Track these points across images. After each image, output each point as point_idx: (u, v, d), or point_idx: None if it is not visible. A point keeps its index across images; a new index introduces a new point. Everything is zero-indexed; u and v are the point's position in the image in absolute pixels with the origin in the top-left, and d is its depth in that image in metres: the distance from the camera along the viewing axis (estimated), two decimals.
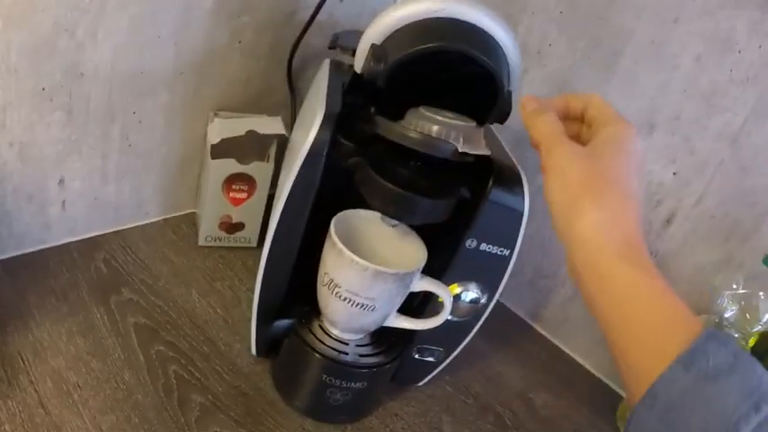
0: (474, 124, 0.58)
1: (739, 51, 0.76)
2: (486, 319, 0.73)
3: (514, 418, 0.81)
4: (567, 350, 0.96)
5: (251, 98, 0.88)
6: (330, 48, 0.77)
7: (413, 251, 0.64)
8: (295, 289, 0.68)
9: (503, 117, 0.60)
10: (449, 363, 0.77)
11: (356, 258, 0.59)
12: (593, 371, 0.93)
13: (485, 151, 0.56)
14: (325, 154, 0.59)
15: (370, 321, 0.65)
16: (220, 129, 0.79)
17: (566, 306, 0.96)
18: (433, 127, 0.55)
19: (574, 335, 0.96)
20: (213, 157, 0.79)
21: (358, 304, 0.62)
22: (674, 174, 0.83)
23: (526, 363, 0.91)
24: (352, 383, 0.67)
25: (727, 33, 0.76)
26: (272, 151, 0.81)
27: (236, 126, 0.79)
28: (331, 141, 0.59)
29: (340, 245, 0.60)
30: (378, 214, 0.62)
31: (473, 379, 0.84)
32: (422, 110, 0.57)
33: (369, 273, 0.60)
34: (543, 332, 0.98)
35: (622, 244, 0.45)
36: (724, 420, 0.36)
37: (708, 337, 0.39)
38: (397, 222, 0.63)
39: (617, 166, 0.48)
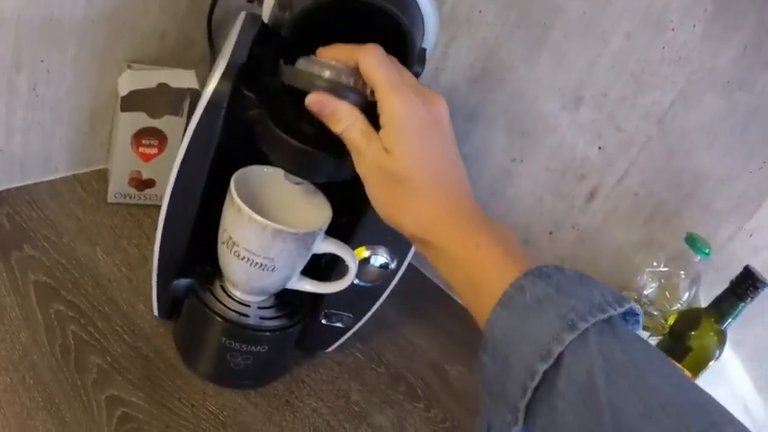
0: None
1: (672, 29, 0.75)
2: (402, 287, 0.72)
3: (427, 388, 0.80)
4: None
5: (168, 51, 0.85)
6: (249, 1, 0.74)
7: (317, 211, 0.62)
8: (197, 247, 0.66)
9: (415, 76, 0.58)
10: (359, 330, 0.76)
11: (255, 216, 0.57)
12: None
13: None
14: (225, 105, 0.56)
15: (271, 282, 0.63)
16: (131, 81, 0.75)
17: None
18: (330, 73, 0.52)
19: None
20: (123, 110, 0.76)
21: (257, 264, 0.60)
22: (600, 148, 0.82)
23: (441, 333, 0.90)
24: (254, 347, 0.65)
25: (661, 11, 0.75)
26: (186, 106, 0.78)
27: (148, 78, 0.76)
28: (232, 92, 0.56)
29: (239, 201, 0.58)
30: (281, 171, 0.60)
31: (385, 348, 0.83)
32: (316, 58, 0.54)
33: (268, 231, 0.58)
34: (461, 302, 0.96)
35: (432, 227, 0.47)
36: (538, 346, 0.37)
37: (527, 274, 0.40)
38: (301, 180, 0.60)
39: (408, 156, 0.47)
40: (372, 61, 0.48)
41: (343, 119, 0.49)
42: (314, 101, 0.50)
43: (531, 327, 0.38)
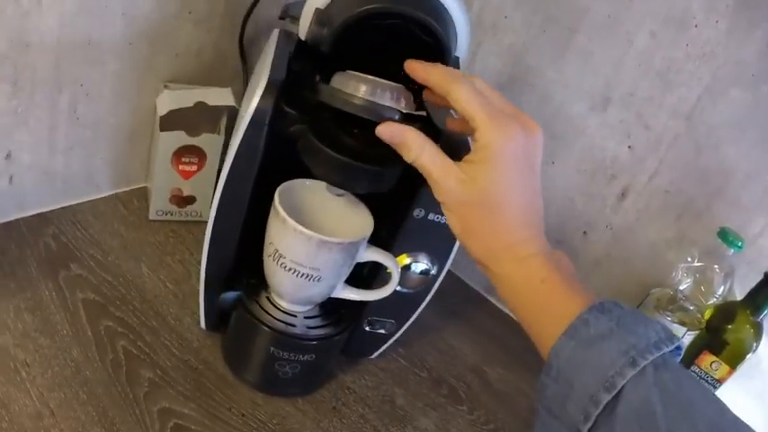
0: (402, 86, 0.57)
1: (696, 26, 0.76)
2: (441, 291, 0.73)
3: (468, 390, 0.81)
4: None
5: (203, 69, 0.87)
6: (281, 18, 0.75)
7: (359, 221, 0.64)
8: (243, 260, 0.67)
9: None
10: (401, 335, 0.77)
11: (300, 227, 0.59)
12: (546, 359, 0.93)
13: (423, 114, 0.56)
14: (267, 122, 0.58)
15: (317, 292, 0.65)
16: (169, 100, 0.77)
17: None
18: (377, 90, 0.54)
19: None
20: (162, 129, 0.78)
21: (303, 275, 0.61)
22: (629, 148, 0.83)
23: (480, 336, 0.91)
24: (301, 356, 0.67)
25: (684, 9, 0.76)
26: (223, 123, 0.80)
27: (185, 97, 0.78)
28: (274, 109, 0.58)
29: (283, 214, 0.59)
30: (323, 184, 0.61)
31: (426, 352, 0.84)
32: (351, 72, 0.55)
33: (313, 242, 0.59)
34: (499, 305, 0.98)
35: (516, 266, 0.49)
36: (601, 377, 0.41)
37: (591, 309, 0.44)
38: (342, 192, 0.62)
39: (493, 188, 0.48)
40: (466, 93, 0.48)
41: (413, 147, 0.50)
42: (383, 131, 0.51)
43: (596, 359, 0.42)
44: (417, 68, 0.52)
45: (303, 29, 0.61)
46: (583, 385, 0.42)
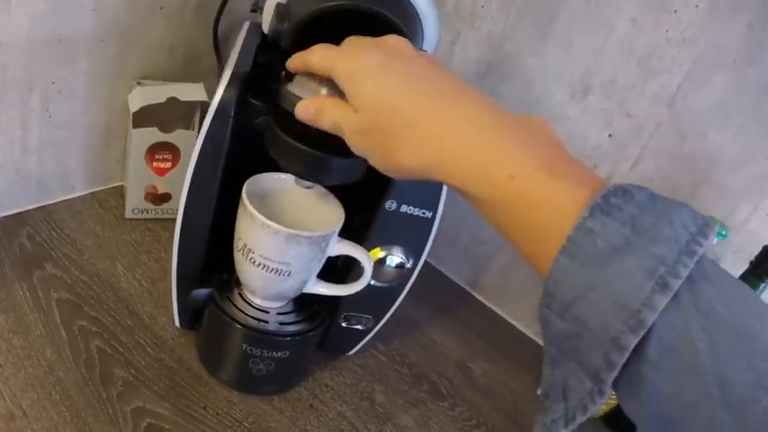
0: None
1: (675, 11, 0.74)
2: (422, 285, 0.72)
3: (451, 386, 0.80)
4: (507, 317, 0.95)
5: (177, 65, 0.86)
6: (252, 11, 0.74)
7: (330, 214, 0.63)
8: (214, 257, 0.66)
9: None
10: (381, 331, 0.76)
11: (267, 222, 0.57)
12: (534, 338, 0.92)
13: None
14: (232, 114, 0.57)
15: (288, 287, 0.63)
16: (141, 96, 0.76)
17: (506, 273, 0.94)
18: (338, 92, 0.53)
19: (514, 302, 0.95)
20: (135, 126, 0.77)
21: (273, 269, 0.60)
22: (610, 136, 0.81)
23: (464, 331, 0.90)
24: (275, 353, 0.66)
25: None
26: (196, 119, 0.79)
27: (158, 93, 0.77)
28: (238, 101, 0.57)
29: (251, 208, 0.58)
30: (292, 177, 0.60)
31: (408, 348, 0.83)
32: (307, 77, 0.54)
33: (281, 236, 0.58)
34: (483, 300, 0.97)
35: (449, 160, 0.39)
36: (623, 312, 0.31)
37: (593, 210, 0.32)
38: (311, 184, 0.61)
39: (369, 101, 0.42)
40: (317, 55, 0.47)
41: (322, 107, 0.47)
42: (299, 111, 0.50)
43: (613, 286, 0.31)
44: (290, 62, 0.52)
45: (266, 23, 0.60)
46: (600, 324, 0.31)
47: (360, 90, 0.43)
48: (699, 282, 0.31)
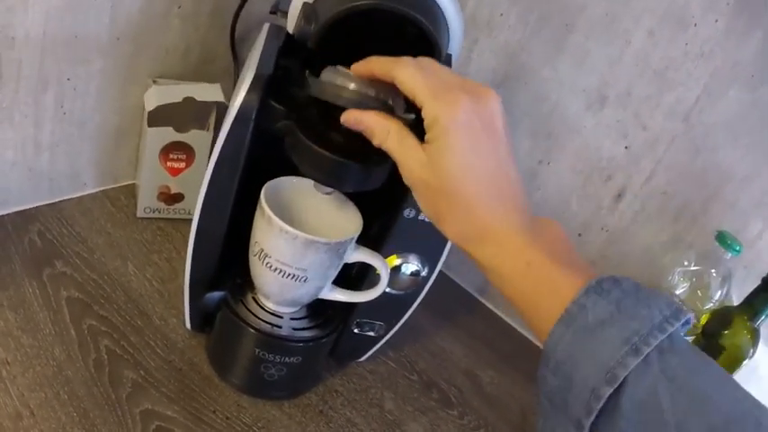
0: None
1: (695, 25, 0.75)
2: (433, 293, 0.71)
3: (459, 394, 0.80)
4: (516, 326, 0.94)
5: (192, 66, 0.85)
6: (271, 13, 0.74)
7: (348, 220, 0.62)
8: (229, 260, 0.66)
9: None
10: (391, 338, 0.75)
11: (286, 227, 0.57)
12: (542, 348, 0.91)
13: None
14: (253, 117, 0.56)
15: (303, 293, 0.63)
16: (157, 95, 0.76)
17: None
18: (355, 85, 0.52)
19: None
20: (150, 125, 0.77)
21: (289, 275, 0.60)
22: (626, 148, 0.82)
23: (473, 339, 0.90)
24: (287, 358, 0.65)
25: (683, 7, 0.74)
26: (212, 120, 0.79)
27: (174, 93, 0.76)
28: (260, 104, 0.56)
29: (269, 212, 0.58)
30: (311, 182, 0.60)
31: (417, 355, 0.83)
32: (341, 69, 0.54)
33: (299, 242, 0.58)
34: (492, 307, 0.97)
35: (474, 240, 0.46)
36: (602, 369, 0.38)
37: (587, 291, 0.40)
38: (330, 190, 0.60)
39: (451, 169, 0.45)
40: (408, 73, 0.46)
41: (377, 131, 0.48)
42: (348, 118, 0.49)
43: (596, 349, 0.39)
44: (360, 65, 0.50)
45: (291, 24, 0.59)
46: (583, 378, 0.39)
47: (447, 156, 0.44)
48: (667, 352, 0.38)
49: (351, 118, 0.49)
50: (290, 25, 0.59)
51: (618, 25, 0.79)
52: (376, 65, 0.49)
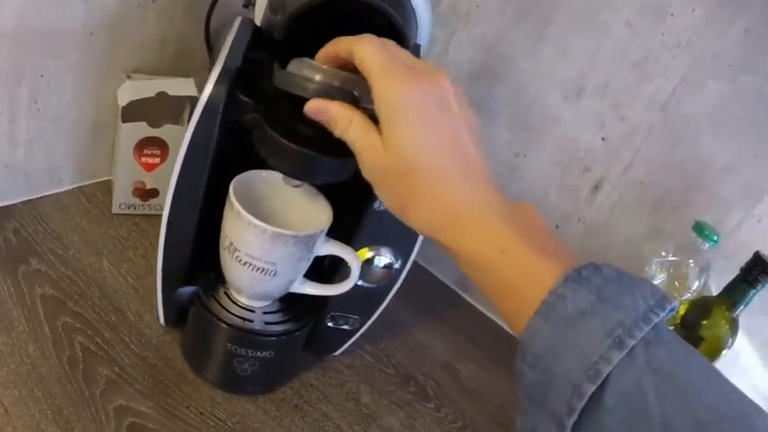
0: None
1: (672, 15, 0.74)
2: (411, 286, 0.71)
3: (437, 388, 0.80)
4: (496, 319, 0.94)
5: (169, 59, 0.85)
6: (244, 6, 0.74)
7: (318, 213, 0.62)
8: (200, 254, 0.66)
9: None
10: (369, 332, 0.75)
11: (254, 220, 0.57)
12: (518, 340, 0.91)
13: None
14: (221, 110, 0.56)
15: (274, 287, 0.63)
16: (130, 91, 0.76)
17: None
18: (321, 76, 0.52)
19: None
20: (123, 121, 0.76)
21: (259, 269, 0.60)
22: (603, 139, 0.81)
23: (453, 333, 0.90)
24: (260, 352, 0.65)
25: None
26: (186, 114, 0.78)
27: (147, 88, 0.76)
28: (227, 97, 0.56)
29: (238, 206, 0.58)
30: (280, 175, 0.60)
31: (395, 349, 0.82)
32: (308, 60, 0.53)
33: (267, 235, 0.57)
34: (472, 302, 0.97)
35: (439, 225, 0.43)
36: (584, 364, 0.35)
37: (566, 280, 0.38)
38: (299, 183, 0.60)
39: (407, 147, 0.43)
40: (366, 50, 0.45)
41: (340, 120, 0.47)
42: (310, 108, 0.48)
43: (576, 342, 0.36)
44: (326, 46, 0.50)
45: (259, 16, 0.59)
46: (563, 373, 0.36)
47: (398, 133, 0.43)
48: (653, 344, 0.36)
49: (314, 107, 0.48)
50: (258, 17, 0.59)
51: (597, 17, 0.79)
52: (340, 44, 0.48)
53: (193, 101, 0.78)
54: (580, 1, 0.79)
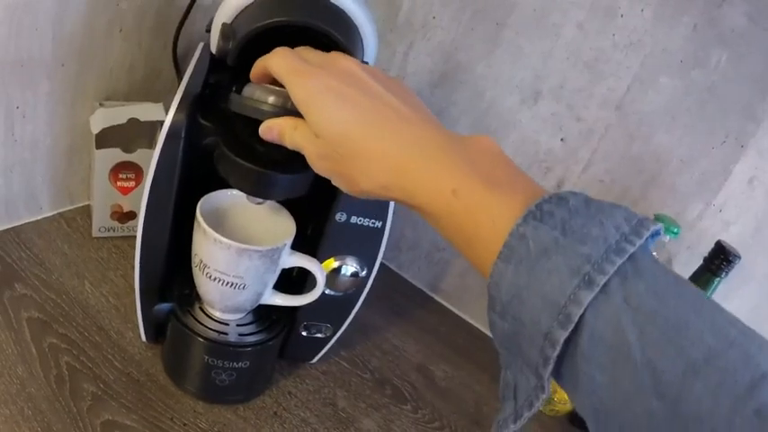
0: None
1: (622, 15, 0.77)
2: (384, 291, 0.74)
3: (413, 390, 0.82)
4: (468, 319, 0.97)
5: (137, 85, 0.88)
6: (207, 31, 0.76)
7: (281, 227, 0.65)
8: (175, 272, 0.68)
9: None
10: (343, 338, 0.77)
11: (218, 237, 0.59)
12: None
13: None
14: (183, 135, 0.59)
15: (244, 300, 0.65)
16: (102, 118, 0.78)
17: (464, 276, 0.97)
18: (273, 99, 0.54)
19: (473, 303, 0.97)
20: (97, 147, 0.79)
21: (228, 283, 0.62)
22: (562, 140, 0.84)
23: (425, 335, 0.92)
24: (236, 363, 0.67)
25: None
26: (158, 138, 0.80)
27: (118, 115, 0.79)
28: (189, 122, 0.59)
29: (204, 224, 0.60)
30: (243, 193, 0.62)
31: (370, 354, 0.85)
32: (261, 84, 0.56)
33: (233, 251, 0.60)
34: (444, 302, 0.99)
35: (389, 180, 0.42)
36: (552, 308, 0.32)
37: (526, 217, 0.35)
38: (261, 200, 0.63)
39: (326, 125, 0.44)
40: (275, 60, 0.48)
41: (286, 130, 0.48)
42: (262, 129, 0.51)
43: (542, 284, 0.33)
44: (253, 68, 0.53)
45: (213, 43, 0.62)
46: (533, 320, 0.33)
47: (316, 119, 0.44)
48: (631, 278, 0.32)
49: (265, 128, 0.51)
50: (213, 45, 0.61)
51: (547, 20, 0.81)
52: (260, 63, 0.51)
53: (163, 125, 0.80)
54: (531, 4, 0.81)
